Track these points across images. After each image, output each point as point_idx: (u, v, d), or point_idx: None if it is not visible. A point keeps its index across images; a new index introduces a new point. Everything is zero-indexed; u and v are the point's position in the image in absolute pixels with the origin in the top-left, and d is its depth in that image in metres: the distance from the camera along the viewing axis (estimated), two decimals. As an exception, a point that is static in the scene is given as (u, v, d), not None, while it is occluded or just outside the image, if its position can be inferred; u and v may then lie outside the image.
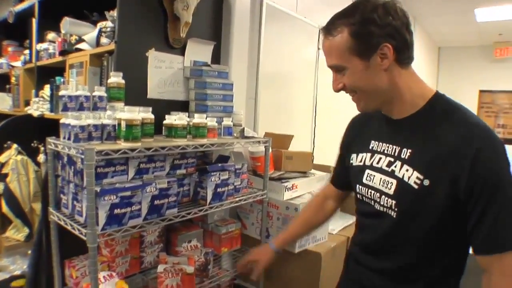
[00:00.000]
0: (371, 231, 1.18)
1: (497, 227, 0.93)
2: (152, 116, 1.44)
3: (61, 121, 1.42)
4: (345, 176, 1.32)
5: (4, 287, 2.05)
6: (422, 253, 1.07)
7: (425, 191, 0.99)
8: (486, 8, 5.13)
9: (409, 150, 1.04)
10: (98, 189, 1.26)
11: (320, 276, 1.92)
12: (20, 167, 2.41)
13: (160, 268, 1.53)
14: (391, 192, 1.06)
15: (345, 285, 1.38)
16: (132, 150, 1.32)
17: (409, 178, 1.02)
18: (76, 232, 1.32)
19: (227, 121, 1.79)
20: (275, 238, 1.59)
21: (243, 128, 1.83)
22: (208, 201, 1.62)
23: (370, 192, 1.13)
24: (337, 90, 1.08)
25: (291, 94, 2.80)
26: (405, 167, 1.03)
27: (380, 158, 1.11)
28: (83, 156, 1.22)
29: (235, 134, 1.84)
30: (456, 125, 0.98)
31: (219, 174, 1.64)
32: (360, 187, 1.18)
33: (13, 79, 2.93)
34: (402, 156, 1.05)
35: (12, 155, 2.44)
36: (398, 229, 1.08)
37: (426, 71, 6.89)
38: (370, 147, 1.16)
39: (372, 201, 1.13)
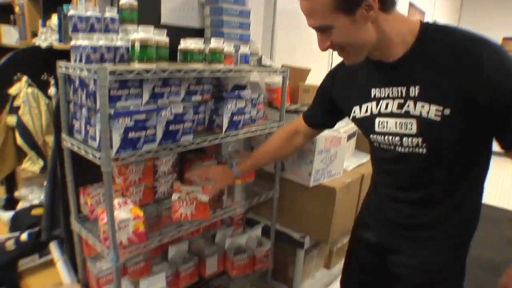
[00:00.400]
0: (396, 173, 1.18)
1: None
2: (167, 39, 1.37)
3: (72, 43, 1.35)
4: (323, 117, 1.42)
5: (25, 215, 2.08)
6: (451, 177, 1.09)
7: (448, 120, 0.98)
8: None
9: (417, 87, 1.02)
10: (111, 111, 1.22)
11: (334, 211, 1.91)
12: (32, 99, 2.37)
13: (174, 196, 1.52)
14: (413, 132, 1.04)
15: (368, 215, 1.39)
16: (147, 71, 1.26)
17: (428, 113, 1.00)
18: (90, 157, 1.29)
19: (244, 49, 1.70)
20: (238, 164, 1.64)
21: (261, 56, 1.75)
22: (224, 129, 1.57)
23: (388, 138, 1.11)
24: (324, 49, 1.05)
25: (309, 28, 2.65)
26: (420, 104, 1.01)
27: (388, 103, 1.09)
28: (95, 77, 1.17)
29: (252, 63, 1.76)
30: (455, 47, 0.96)
31: (236, 101, 1.58)
32: (375, 136, 1.16)
33: (17, 10, 2.81)
34: (412, 95, 1.03)
35: (23, 87, 2.39)
36: (428, 163, 1.08)
37: (448, 15, 6.59)
38: (373, 95, 1.13)
39: (392, 146, 1.12)
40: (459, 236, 1.17)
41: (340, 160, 2.01)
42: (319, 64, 2.81)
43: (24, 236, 1.82)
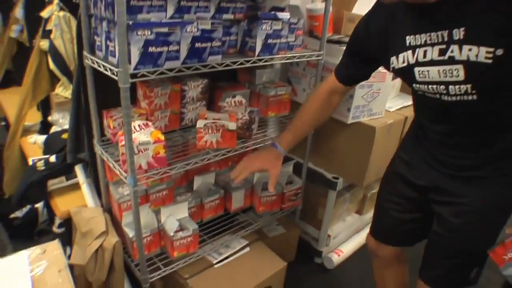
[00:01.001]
0: (444, 121, 1.11)
1: None
2: None
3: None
4: (355, 73, 1.34)
5: (56, 138, 2.09)
6: (504, 120, 1.03)
7: (501, 61, 0.87)
8: None
9: (461, 29, 0.90)
10: (130, 22, 1.10)
11: (372, 152, 1.77)
12: (63, 23, 2.30)
13: (200, 123, 1.42)
14: (461, 78, 0.94)
15: (411, 153, 1.31)
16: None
17: (476, 56, 0.89)
18: (109, 73, 1.20)
19: (283, -34, 1.52)
20: (280, 140, 1.54)
21: (301, -25, 1.56)
22: (257, 52, 1.44)
23: (432, 87, 1.02)
24: None
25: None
26: (466, 47, 0.90)
27: (426, 51, 0.99)
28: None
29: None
30: None
31: (271, 23, 1.43)
32: (417, 85, 1.07)
33: None
34: (456, 38, 0.92)
35: (54, 10, 2.32)
36: (478, 110, 1.01)
37: None
38: (408, 44, 1.03)
39: (438, 95, 1.02)
40: None
41: (383, 98, 1.84)
42: None
43: (52, 158, 1.82)
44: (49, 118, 2.36)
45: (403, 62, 1.06)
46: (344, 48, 1.40)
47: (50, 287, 1.03)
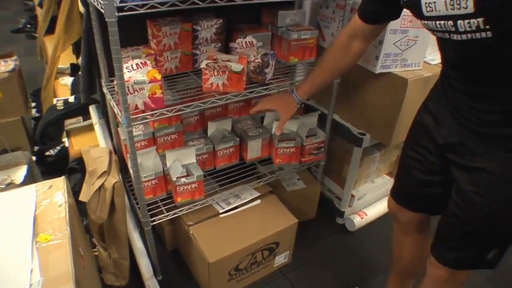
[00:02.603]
0: (458, 65, 0.98)
1: None
2: None
3: None
4: (378, 7, 1.14)
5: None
6: None
7: None
8: None
9: None
10: None
11: (403, 107, 1.60)
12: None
13: (204, 63, 1.33)
14: (470, 10, 0.78)
15: (436, 104, 1.16)
16: None
17: None
18: (98, 7, 1.12)
19: None
20: (298, 88, 1.47)
21: None
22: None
23: (439, 24, 0.88)
24: None
25: None
26: None
27: None
28: None
29: None
30: None
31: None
32: (426, 22, 0.93)
33: None
34: None
35: None
36: (496, 50, 0.84)
37: None
38: None
39: (447, 34, 0.88)
40: None
41: (422, 47, 1.63)
42: None
43: (71, 98, 1.84)
44: (79, 61, 2.38)
45: None
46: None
47: (47, 220, 1.05)
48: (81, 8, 2.29)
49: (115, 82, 1.21)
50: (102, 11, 1.06)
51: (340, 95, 1.79)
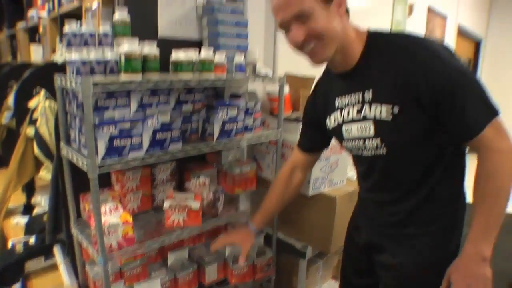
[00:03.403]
0: (368, 176, 1.26)
1: (469, 115, 1.00)
2: (157, 52, 1.41)
3: (67, 58, 1.42)
4: (313, 139, 1.44)
5: (38, 220, 2.20)
6: (418, 174, 1.15)
7: (398, 118, 1.05)
8: None
9: (370, 91, 1.09)
10: (96, 120, 1.27)
11: (335, 220, 1.89)
12: (49, 112, 2.48)
13: (166, 204, 1.55)
14: (372, 134, 1.12)
15: (358, 216, 1.47)
16: (131, 82, 1.30)
17: (380, 113, 1.07)
18: (80, 164, 1.34)
19: (238, 58, 1.73)
20: (253, 219, 1.62)
21: (255, 65, 1.77)
22: (215, 137, 1.60)
23: (354, 143, 1.19)
24: (299, 41, 1.06)
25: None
26: (373, 106, 1.09)
27: (349, 111, 1.17)
28: (80, 89, 1.22)
29: (247, 72, 1.78)
30: (399, 51, 1.04)
31: (227, 110, 1.61)
32: (345, 142, 1.24)
33: (41, 30, 2.99)
34: (367, 99, 1.10)
35: (41, 101, 2.52)
36: (391, 163, 1.16)
37: (474, 18, 6.39)
38: (337, 105, 1.22)
39: (360, 151, 1.19)
40: (441, 235, 1.20)
41: (342, 168, 1.99)
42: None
43: (32, 239, 1.91)
44: (32, 200, 2.47)
45: (334, 121, 1.23)
46: (300, 124, 1.55)
47: None
48: (36, 151, 2.46)
49: (92, 226, 1.38)
50: (84, 168, 1.28)
51: (282, 216, 2.05)
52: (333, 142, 1.83)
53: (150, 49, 1.40)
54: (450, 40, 5.44)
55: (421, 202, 1.17)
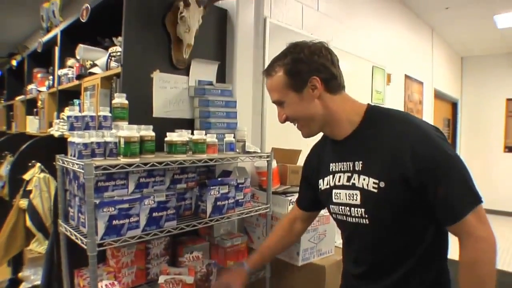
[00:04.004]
0: (352, 243, 1.30)
1: (453, 200, 1.05)
2: (153, 134, 1.53)
3: (68, 139, 1.53)
4: (310, 199, 1.48)
5: (26, 296, 2.18)
6: (400, 247, 1.17)
7: (383, 192, 1.11)
8: (505, 14, 4.97)
9: (361, 162, 1.17)
10: (97, 201, 1.35)
11: (325, 285, 1.93)
12: (43, 184, 2.56)
13: (161, 279, 1.59)
14: (358, 202, 1.18)
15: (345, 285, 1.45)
16: (130, 165, 1.40)
17: (367, 185, 1.14)
18: (79, 242, 1.41)
19: (228, 137, 1.86)
20: (249, 260, 1.65)
21: (244, 144, 1.89)
22: (208, 214, 1.68)
23: (341, 208, 1.24)
24: (282, 121, 1.27)
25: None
26: (362, 177, 1.16)
27: (340, 176, 1.24)
28: (83, 171, 1.31)
29: (237, 150, 1.90)
30: (391, 128, 1.14)
31: (219, 188, 1.70)
32: (332, 206, 1.29)
33: (39, 103, 3.13)
34: (357, 169, 1.18)
35: (36, 173, 2.59)
36: (374, 233, 1.19)
37: (449, 81, 6.76)
38: (331, 169, 1.28)
39: (345, 216, 1.24)
40: None
41: (330, 238, 2.07)
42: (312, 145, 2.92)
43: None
44: (20, 275, 2.46)
45: (327, 184, 1.29)
46: (289, 198, 1.68)
47: None
48: (28, 223, 2.49)
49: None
50: (83, 246, 1.34)
51: (272, 286, 2.09)
52: (322, 212, 1.95)
53: (147, 132, 1.52)
54: (428, 102, 5.71)
55: (402, 279, 1.18)
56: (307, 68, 1.17)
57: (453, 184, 1.05)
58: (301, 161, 2.31)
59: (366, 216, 1.17)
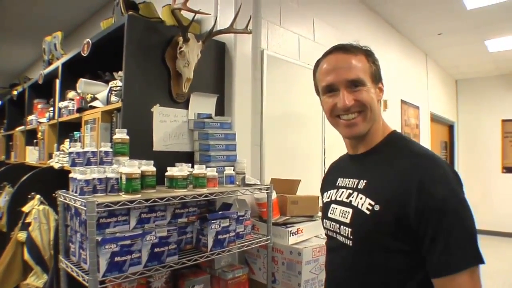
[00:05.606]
0: (335, 265, 1.21)
1: (446, 252, 0.93)
2: (154, 169, 1.55)
3: (70, 175, 1.54)
4: None
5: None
6: (385, 279, 1.04)
7: (375, 215, 1.04)
8: (496, 39, 5.12)
9: (365, 181, 1.13)
10: (99, 238, 1.35)
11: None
12: (42, 216, 2.55)
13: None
14: (347, 221, 1.12)
15: None
16: (132, 201, 1.41)
17: (362, 205, 1.08)
18: (80, 279, 1.40)
19: (228, 171, 1.87)
20: None
21: (244, 176, 1.90)
22: (209, 248, 1.68)
23: (332, 225, 1.20)
24: (349, 105, 1.10)
25: (299, 138, 2.86)
26: (360, 195, 1.11)
27: (342, 192, 1.19)
28: (85, 209, 1.32)
29: (237, 182, 1.92)
30: (404, 157, 1.08)
31: (220, 221, 1.71)
32: (326, 221, 1.24)
33: (39, 134, 3.15)
34: (359, 187, 1.13)
35: (35, 205, 2.58)
36: (357, 258, 1.10)
37: (444, 104, 6.84)
38: (337, 184, 1.25)
39: (335, 233, 1.18)
40: None
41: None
42: (313, 172, 2.96)
43: None
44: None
45: (328, 197, 1.26)
46: (289, 229, 1.65)
47: None
48: (26, 256, 2.47)
49: None
50: (85, 283, 1.34)
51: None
52: (321, 242, 1.95)
53: (148, 167, 1.54)
54: (425, 126, 5.76)
55: None
56: (380, 71, 1.18)
57: (457, 234, 0.93)
58: (300, 191, 2.35)
59: (351, 237, 1.09)
